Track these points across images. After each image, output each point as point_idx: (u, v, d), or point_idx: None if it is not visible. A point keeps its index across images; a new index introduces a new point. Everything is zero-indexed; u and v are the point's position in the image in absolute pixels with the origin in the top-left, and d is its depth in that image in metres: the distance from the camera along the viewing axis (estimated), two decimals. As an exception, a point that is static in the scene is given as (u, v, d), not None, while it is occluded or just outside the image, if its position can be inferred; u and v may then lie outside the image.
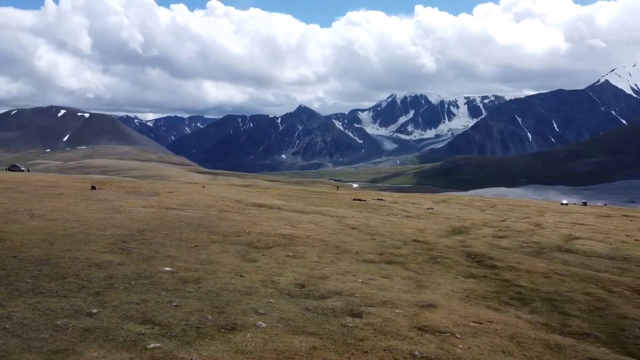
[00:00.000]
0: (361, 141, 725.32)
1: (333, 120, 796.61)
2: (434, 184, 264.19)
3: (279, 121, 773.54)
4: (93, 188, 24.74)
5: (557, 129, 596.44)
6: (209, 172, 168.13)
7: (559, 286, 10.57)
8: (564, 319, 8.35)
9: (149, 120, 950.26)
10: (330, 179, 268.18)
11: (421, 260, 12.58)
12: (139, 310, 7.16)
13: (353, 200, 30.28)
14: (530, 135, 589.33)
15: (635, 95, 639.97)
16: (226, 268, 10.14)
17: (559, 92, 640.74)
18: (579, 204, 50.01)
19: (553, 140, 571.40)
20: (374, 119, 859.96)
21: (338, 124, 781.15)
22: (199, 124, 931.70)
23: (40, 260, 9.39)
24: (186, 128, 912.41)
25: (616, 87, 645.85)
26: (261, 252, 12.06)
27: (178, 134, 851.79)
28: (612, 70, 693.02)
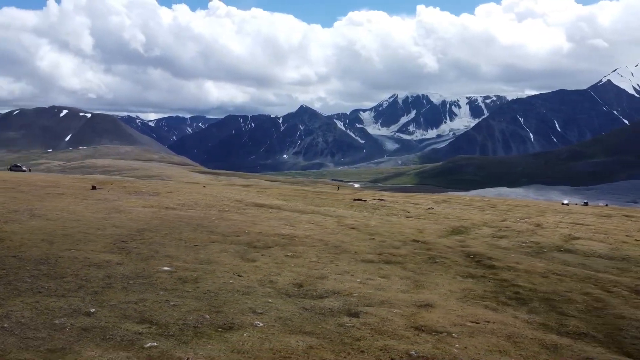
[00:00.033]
0: (363, 141, 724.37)
1: (335, 120, 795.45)
2: (436, 184, 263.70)
3: (280, 121, 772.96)
4: (93, 188, 24.79)
5: (559, 129, 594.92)
6: (210, 172, 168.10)
7: (557, 286, 10.57)
8: (562, 319, 8.35)
9: (151, 120, 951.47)
10: (332, 179, 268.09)
11: (420, 260, 12.58)
12: (137, 309, 7.19)
13: (353, 200, 30.29)
14: (532, 136, 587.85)
15: (637, 95, 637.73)
16: (225, 268, 10.15)
17: (561, 92, 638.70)
18: (580, 204, 49.88)
19: (555, 140, 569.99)
20: (376, 119, 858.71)
21: (340, 124, 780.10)
22: (200, 124, 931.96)
23: (39, 260, 9.42)
24: (188, 128, 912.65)
25: (618, 87, 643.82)
26: (260, 252, 12.07)
27: (180, 134, 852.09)
28: (615, 70, 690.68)
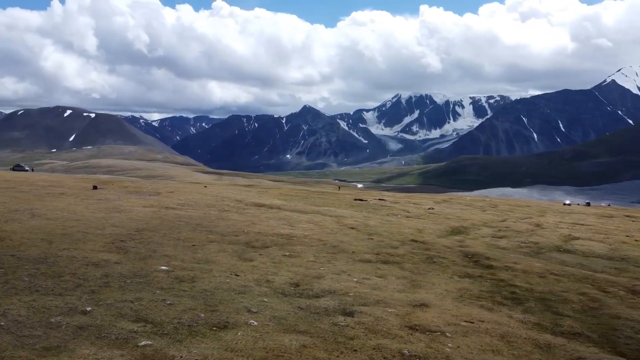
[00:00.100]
0: (366, 141, 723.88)
1: (338, 120, 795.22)
2: (439, 184, 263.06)
3: (283, 121, 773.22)
4: (95, 188, 24.89)
5: (563, 129, 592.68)
6: (214, 172, 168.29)
7: (554, 286, 10.57)
8: (557, 319, 8.36)
9: (155, 121, 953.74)
10: (335, 179, 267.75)
11: (418, 260, 12.60)
12: (133, 308, 7.25)
13: (354, 200, 30.30)
14: (535, 136, 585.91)
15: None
16: (222, 267, 10.20)
17: (565, 92, 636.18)
18: (582, 204, 49.72)
19: (559, 140, 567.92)
20: (379, 119, 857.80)
21: (343, 124, 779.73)
22: (204, 124, 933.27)
23: (38, 259, 9.49)
24: (191, 128, 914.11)
25: (623, 87, 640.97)
26: (258, 252, 12.11)
27: (183, 134, 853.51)
28: (619, 70, 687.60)
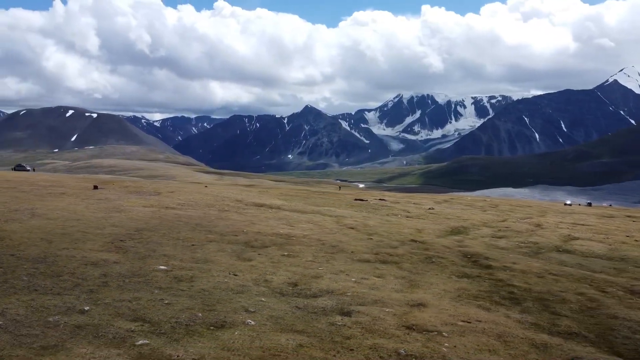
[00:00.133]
0: (367, 141, 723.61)
1: (339, 120, 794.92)
2: (441, 184, 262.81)
3: (285, 121, 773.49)
4: (95, 188, 24.95)
5: (565, 129, 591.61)
6: (215, 172, 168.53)
7: (552, 286, 10.57)
8: (554, 319, 8.37)
9: (156, 121, 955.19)
10: (336, 179, 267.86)
11: (416, 260, 12.60)
12: (131, 307, 7.27)
13: (354, 200, 30.31)
14: (537, 136, 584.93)
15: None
16: (221, 267, 10.22)
17: (567, 92, 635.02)
18: (584, 204, 49.61)
19: (561, 140, 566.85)
20: (381, 119, 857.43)
21: (344, 124, 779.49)
22: (205, 124, 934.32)
23: (37, 259, 9.52)
24: (193, 128, 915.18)
25: (625, 87, 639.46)
26: (257, 252, 12.13)
27: (185, 134, 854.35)
28: (621, 70, 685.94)
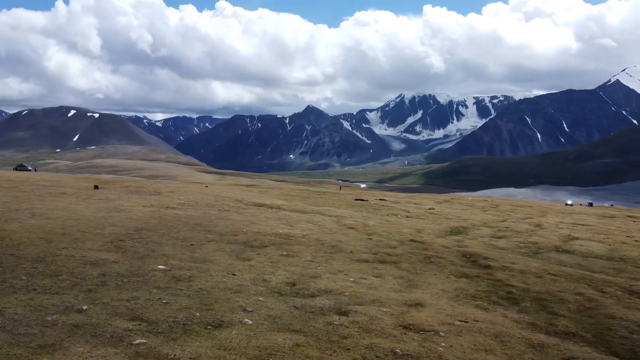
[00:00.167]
0: (369, 141, 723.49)
1: (341, 120, 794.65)
2: (442, 184, 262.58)
3: (287, 121, 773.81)
4: (96, 187, 25.01)
5: (567, 130, 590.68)
6: (217, 172, 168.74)
7: (550, 286, 10.57)
8: (551, 319, 8.37)
9: (158, 121, 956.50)
10: (338, 179, 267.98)
11: (415, 259, 12.60)
12: (129, 307, 7.30)
13: (355, 200, 30.32)
14: (539, 136, 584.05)
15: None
16: (219, 267, 10.24)
17: (569, 92, 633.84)
18: (585, 204, 49.50)
19: (563, 140, 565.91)
20: (382, 119, 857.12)
21: (346, 124, 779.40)
22: (207, 124, 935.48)
23: (36, 258, 9.55)
24: (195, 128, 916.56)
25: (627, 87, 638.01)
26: (256, 251, 12.15)
27: (187, 134, 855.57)
28: (623, 70, 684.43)
